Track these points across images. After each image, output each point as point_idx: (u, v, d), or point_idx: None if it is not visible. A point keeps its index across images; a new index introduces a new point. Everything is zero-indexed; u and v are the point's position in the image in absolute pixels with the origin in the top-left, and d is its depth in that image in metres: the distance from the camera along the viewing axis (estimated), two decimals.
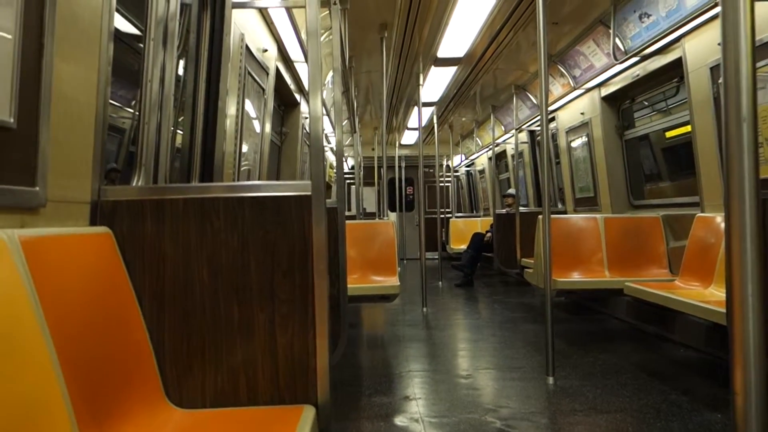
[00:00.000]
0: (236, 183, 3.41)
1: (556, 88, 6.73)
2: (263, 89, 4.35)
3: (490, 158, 10.86)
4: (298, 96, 6.06)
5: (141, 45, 2.41)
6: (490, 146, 9.79)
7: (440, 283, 8.85)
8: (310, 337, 1.81)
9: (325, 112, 7.11)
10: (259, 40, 4.05)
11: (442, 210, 11.75)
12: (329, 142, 9.00)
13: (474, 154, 12.62)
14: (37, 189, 1.44)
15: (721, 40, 1.17)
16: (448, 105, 9.06)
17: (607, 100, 6.02)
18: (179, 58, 2.82)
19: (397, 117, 10.44)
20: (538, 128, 8.26)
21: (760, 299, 1.13)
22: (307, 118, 6.54)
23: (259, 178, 4.66)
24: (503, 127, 9.69)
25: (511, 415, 2.93)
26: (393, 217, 13.57)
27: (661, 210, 5.32)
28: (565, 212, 7.24)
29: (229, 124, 3.42)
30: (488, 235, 8.80)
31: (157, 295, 1.79)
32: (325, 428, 1.79)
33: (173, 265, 1.80)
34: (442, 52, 6.14)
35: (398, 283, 4.33)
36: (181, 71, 2.97)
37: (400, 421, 2.90)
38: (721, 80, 1.19)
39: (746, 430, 1.14)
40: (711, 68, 4.08)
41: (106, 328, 1.58)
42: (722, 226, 4.01)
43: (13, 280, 1.23)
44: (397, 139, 12.67)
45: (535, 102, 7.78)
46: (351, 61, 6.21)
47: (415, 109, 8.64)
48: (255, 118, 4.38)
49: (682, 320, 4.24)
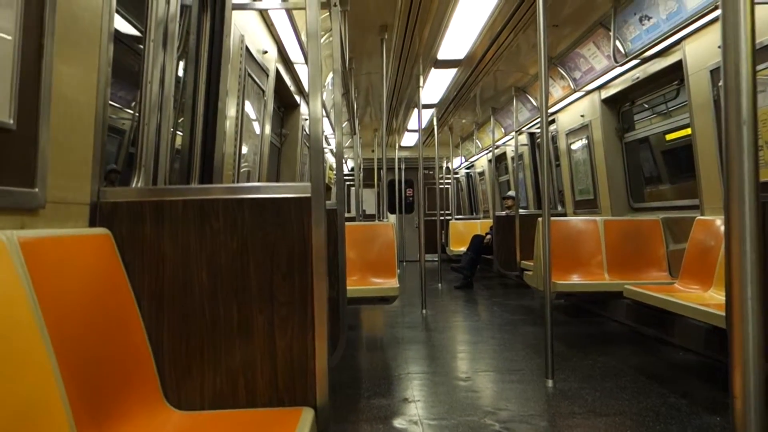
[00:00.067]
0: (236, 185, 3.40)
1: (556, 91, 6.73)
2: (263, 91, 4.35)
3: (490, 160, 10.85)
4: (298, 97, 6.06)
5: (141, 46, 2.41)
6: (490, 148, 9.79)
7: (440, 285, 8.85)
8: (309, 339, 1.81)
9: (325, 113, 7.11)
10: (259, 42, 4.06)
11: (442, 212, 11.76)
12: (329, 144, 9.00)
13: (474, 156, 12.62)
14: (37, 190, 1.44)
15: (722, 43, 1.17)
16: (448, 107, 9.07)
17: (607, 102, 6.02)
18: (179, 59, 2.82)
19: (397, 119, 10.45)
20: (538, 130, 8.27)
21: (759, 302, 1.13)
22: (307, 119, 6.53)
23: (259, 180, 4.65)
24: (503, 130, 9.69)
25: (510, 417, 2.93)
26: (393, 218, 13.58)
27: (661, 213, 5.32)
28: (565, 215, 7.24)
29: (229, 125, 3.42)
30: (488, 237, 8.80)
31: (157, 296, 1.79)
32: (323, 430, 1.79)
33: (172, 266, 1.80)
34: (442, 54, 6.14)
35: (398, 285, 4.33)
36: (181, 72, 2.97)
37: (399, 423, 2.89)
38: (721, 83, 1.19)
39: None
40: (711, 71, 4.08)
41: (105, 330, 1.58)
42: (722, 229, 4.01)
43: (12, 282, 1.22)
44: (397, 141, 12.67)
45: (535, 104, 7.78)
46: (351, 63, 6.21)
47: (415, 110, 8.65)
48: (255, 120, 4.38)
49: (682, 323, 4.23)
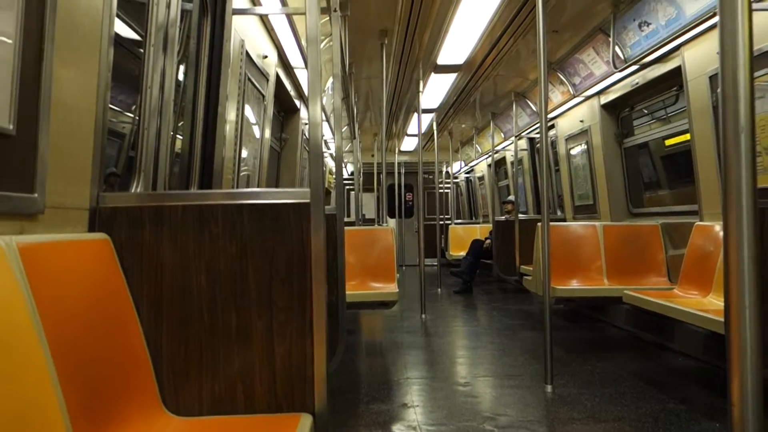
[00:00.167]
0: (235, 190, 3.41)
1: (556, 96, 6.74)
2: (263, 95, 4.36)
3: (490, 165, 10.87)
4: (298, 102, 6.07)
5: (141, 50, 2.42)
6: (490, 153, 9.80)
7: (439, 289, 8.84)
8: (307, 345, 1.80)
9: (324, 118, 7.12)
10: (260, 47, 4.06)
11: (442, 216, 11.75)
12: (329, 148, 9.00)
13: (473, 160, 12.63)
14: (36, 195, 1.44)
15: (719, 50, 1.17)
16: (448, 112, 9.08)
17: (607, 107, 6.03)
18: (179, 63, 2.82)
19: (397, 123, 10.46)
20: (538, 135, 8.28)
21: (757, 309, 1.13)
22: (306, 124, 6.54)
23: (259, 184, 4.65)
24: (503, 134, 9.70)
25: (509, 423, 2.92)
26: (392, 223, 13.58)
27: (660, 218, 5.32)
28: (564, 220, 7.24)
29: (229, 129, 3.42)
30: (487, 242, 8.80)
31: (155, 301, 1.79)
32: None
33: (171, 271, 1.79)
34: (442, 59, 6.15)
35: (397, 290, 4.33)
36: (181, 77, 2.98)
37: (397, 429, 2.89)
38: (719, 89, 1.19)
39: None
40: (710, 77, 4.09)
41: (104, 335, 1.58)
42: (721, 234, 4.01)
43: (10, 287, 1.22)
44: (396, 146, 12.68)
45: (535, 109, 7.79)
46: (351, 68, 6.21)
47: (415, 115, 8.66)
48: (255, 124, 4.38)
49: (681, 329, 4.23)
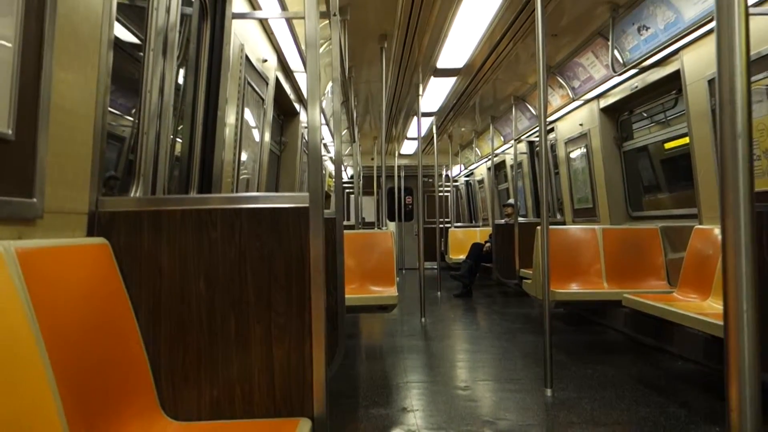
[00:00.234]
0: (234, 194, 3.41)
1: (555, 100, 6.75)
2: (263, 99, 4.36)
3: (489, 168, 10.87)
4: (297, 105, 6.07)
5: (141, 54, 2.42)
6: (489, 156, 9.80)
7: (439, 293, 8.84)
8: (306, 349, 1.80)
9: (324, 121, 7.14)
10: (259, 51, 4.07)
11: (441, 220, 11.75)
12: (329, 152, 9.01)
13: (473, 164, 12.64)
14: (35, 200, 1.44)
15: (716, 55, 1.17)
16: (448, 115, 9.08)
17: (606, 111, 6.03)
18: (179, 67, 2.82)
19: (397, 127, 10.46)
20: (537, 139, 8.28)
21: (755, 313, 1.13)
22: (306, 127, 6.54)
23: (258, 188, 4.66)
24: (502, 138, 9.70)
25: (509, 427, 2.92)
26: (392, 226, 13.57)
27: (660, 221, 5.32)
28: (564, 223, 7.24)
29: (229, 133, 3.42)
30: (487, 246, 8.79)
31: (154, 306, 1.79)
32: None
33: (170, 276, 1.79)
34: (442, 63, 6.16)
35: (396, 294, 4.33)
36: (181, 80, 2.98)
37: None
38: (717, 94, 1.19)
39: None
40: (709, 81, 4.09)
41: (102, 340, 1.58)
42: (720, 238, 4.01)
43: (8, 293, 1.22)
44: (396, 149, 12.68)
45: (534, 113, 7.79)
46: (351, 71, 6.22)
47: (415, 119, 8.66)
48: (254, 128, 4.38)
49: (681, 332, 4.23)
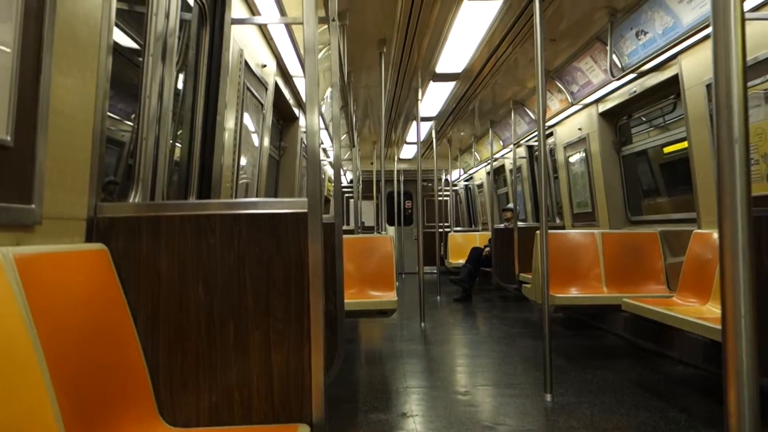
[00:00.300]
0: (233, 200, 3.41)
1: (554, 104, 6.76)
2: (262, 104, 4.37)
3: (489, 173, 10.88)
4: (296, 110, 6.08)
5: (140, 59, 2.42)
6: (489, 161, 9.82)
7: (438, 297, 8.83)
8: (305, 354, 1.80)
9: (323, 126, 7.15)
10: (258, 56, 4.08)
11: (441, 224, 11.76)
12: (328, 156, 9.02)
13: (472, 168, 12.65)
14: (33, 206, 1.44)
15: (713, 60, 1.18)
16: (447, 120, 9.09)
17: (605, 116, 6.04)
18: (178, 72, 2.83)
19: (396, 131, 10.47)
20: (536, 143, 8.29)
21: (753, 317, 1.13)
22: (305, 132, 6.54)
23: (257, 193, 4.66)
24: (501, 142, 9.71)
25: None
26: (391, 231, 13.57)
27: (659, 226, 5.32)
28: (563, 227, 7.24)
29: (228, 138, 3.43)
30: (486, 250, 8.79)
31: (153, 312, 1.79)
32: None
33: (169, 282, 1.79)
34: (441, 68, 6.18)
35: (396, 298, 4.32)
36: (180, 86, 2.99)
37: None
38: (714, 100, 1.19)
39: None
40: (707, 85, 4.10)
41: (100, 346, 1.57)
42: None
43: (6, 299, 1.22)
44: (395, 153, 12.70)
45: (533, 117, 7.81)
46: (350, 76, 6.23)
47: (414, 123, 8.67)
48: (253, 132, 4.39)
49: (680, 337, 4.23)
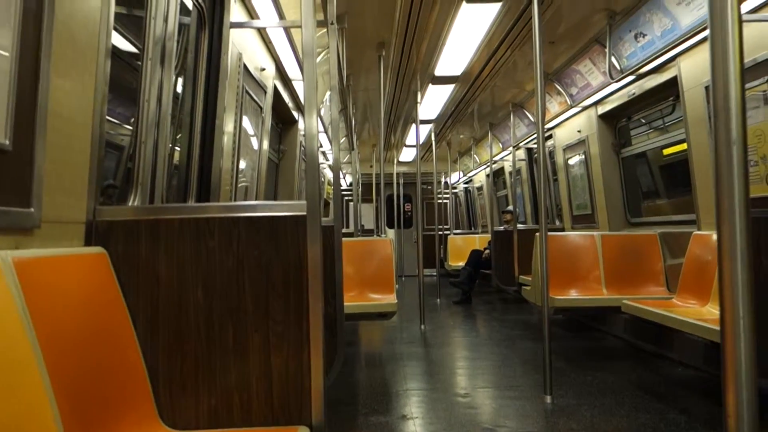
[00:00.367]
0: (231, 203, 3.41)
1: (553, 106, 6.77)
2: (261, 107, 4.37)
3: (488, 175, 10.88)
4: (296, 114, 6.09)
5: (139, 63, 2.43)
6: (488, 163, 9.82)
7: (438, 300, 8.83)
8: (304, 357, 1.80)
9: (323, 129, 7.15)
10: (257, 59, 4.08)
11: (440, 227, 11.74)
12: (327, 160, 9.02)
13: (472, 171, 12.65)
14: (32, 210, 1.44)
15: (710, 62, 1.18)
16: (446, 122, 9.10)
17: (604, 118, 6.05)
18: (177, 76, 2.83)
19: (395, 134, 10.48)
20: (536, 146, 8.29)
21: (751, 319, 1.13)
22: (305, 135, 6.53)
23: (257, 196, 4.66)
24: (501, 145, 9.72)
25: None
26: (391, 233, 13.57)
27: (659, 227, 5.32)
28: (563, 229, 7.24)
29: (227, 141, 3.43)
30: (486, 252, 8.79)
31: (152, 315, 1.79)
32: None
33: (168, 285, 1.79)
34: (440, 71, 6.18)
35: (396, 301, 4.32)
36: (179, 89, 2.99)
37: None
38: (711, 101, 1.19)
39: None
40: (706, 87, 4.10)
41: (100, 349, 1.57)
42: None
43: (5, 302, 1.22)
44: (395, 156, 12.70)
45: (533, 120, 7.81)
46: (349, 79, 6.24)
47: (413, 126, 8.68)
48: (253, 136, 4.39)
49: (680, 338, 4.22)
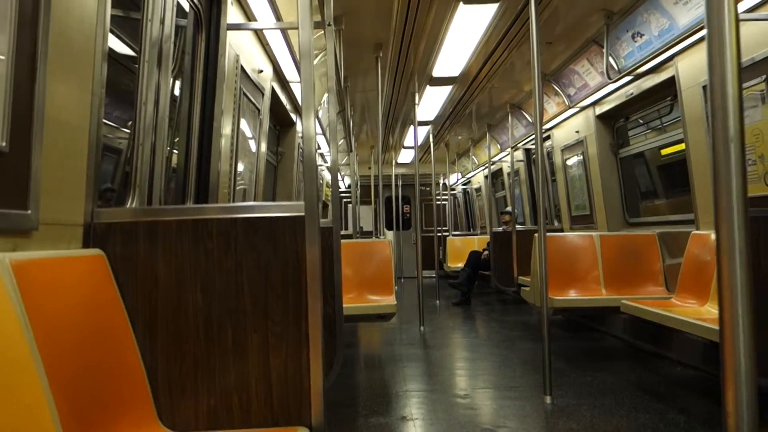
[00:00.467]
0: (230, 204, 3.40)
1: (551, 107, 6.77)
2: (258, 109, 4.37)
3: (487, 176, 10.88)
4: (294, 116, 6.08)
5: (136, 65, 2.43)
6: (486, 165, 9.83)
7: (437, 301, 8.82)
8: (303, 358, 1.79)
9: (321, 131, 7.15)
10: (255, 61, 4.08)
11: (439, 228, 11.75)
12: (326, 162, 9.01)
13: (470, 172, 12.65)
14: (29, 212, 1.44)
15: (707, 61, 1.18)
16: (444, 124, 9.10)
17: (602, 118, 6.05)
18: (174, 78, 2.83)
19: (394, 136, 10.48)
20: (534, 146, 8.29)
21: (750, 318, 1.13)
22: (303, 137, 6.53)
23: (255, 198, 4.65)
24: (499, 146, 9.72)
25: None
26: (390, 235, 13.56)
27: (657, 227, 5.33)
28: (562, 230, 7.25)
29: (225, 144, 3.43)
30: (485, 253, 8.79)
31: (150, 317, 1.78)
32: None
33: (166, 287, 1.79)
34: (437, 72, 6.18)
35: (395, 302, 4.32)
36: (176, 92, 2.99)
37: None
38: (709, 100, 1.19)
39: None
40: (703, 87, 4.11)
41: (99, 351, 1.57)
42: None
43: (3, 304, 1.22)
44: (393, 158, 12.70)
45: (531, 120, 7.81)
46: (347, 81, 6.24)
47: (411, 127, 8.68)
48: (251, 138, 4.39)
49: (679, 338, 4.22)
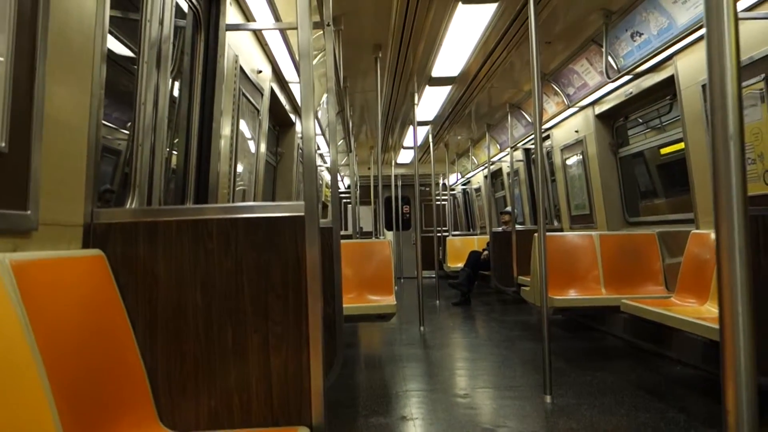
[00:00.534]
0: (229, 204, 3.40)
1: (550, 107, 6.77)
2: (258, 110, 4.37)
3: (486, 176, 10.88)
4: (293, 116, 6.08)
5: (135, 66, 2.43)
6: (486, 165, 9.83)
7: (437, 301, 8.83)
8: (304, 358, 1.79)
9: (320, 131, 7.15)
10: (254, 62, 4.08)
11: (439, 228, 11.75)
12: (325, 162, 9.02)
13: (470, 172, 12.65)
14: (29, 213, 1.44)
15: (707, 60, 1.18)
16: (444, 124, 9.10)
17: (601, 117, 6.05)
18: (174, 79, 2.83)
19: (393, 136, 10.48)
20: (533, 146, 8.30)
21: (750, 316, 1.13)
22: (302, 138, 6.52)
23: (255, 198, 4.65)
24: (498, 146, 9.72)
25: None
26: (390, 235, 13.56)
27: (657, 227, 5.33)
28: (561, 230, 7.25)
29: (224, 144, 3.43)
30: (485, 253, 8.79)
31: (151, 317, 1.78)
32: None
33: (166, 287, 1.79)
34: (437, 72, 6.18)
35: (395, 303, 4.32)
36: (175, 92, 2.99)
37: None
38: (708, 99, 1.19)
39: None
40: (703, 86, 4.11)
41: (99, 352, 1.57)
42: None
43: (3, 305, 1.22)
44: (393, 158, 12.70)
45: (530, 120, 7.82)
46: (346, 81, 6.24)
47: (411, 128, 8.68)
48: (250, 139, 4.39)
49: (679, 337, 4.22)
